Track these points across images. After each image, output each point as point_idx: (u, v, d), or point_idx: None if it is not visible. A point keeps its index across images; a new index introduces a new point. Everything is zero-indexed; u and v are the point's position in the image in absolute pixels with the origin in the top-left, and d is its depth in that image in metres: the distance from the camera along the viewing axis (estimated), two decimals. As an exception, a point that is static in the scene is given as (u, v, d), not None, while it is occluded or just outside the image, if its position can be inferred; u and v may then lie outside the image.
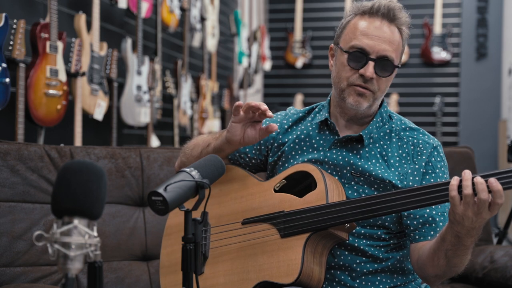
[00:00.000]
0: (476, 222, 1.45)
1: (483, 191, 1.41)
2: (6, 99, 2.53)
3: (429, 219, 1.67)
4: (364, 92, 1.68)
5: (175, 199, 1.38)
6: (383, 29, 1.68)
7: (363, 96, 1.69)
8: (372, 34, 1.67)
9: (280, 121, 1.87)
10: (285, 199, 1.71)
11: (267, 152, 1.87)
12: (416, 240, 1.68)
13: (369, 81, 1.67)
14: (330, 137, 1.78)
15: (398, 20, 1.70)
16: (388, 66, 1.68)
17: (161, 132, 4.35)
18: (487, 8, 6.99)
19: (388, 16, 1.69)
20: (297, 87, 7.37)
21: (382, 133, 1.75)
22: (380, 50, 1.66)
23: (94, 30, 3.21)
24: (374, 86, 1.68)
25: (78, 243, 1.00)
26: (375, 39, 1.67)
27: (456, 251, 1.53)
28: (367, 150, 1.73)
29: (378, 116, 1.76)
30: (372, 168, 1.70)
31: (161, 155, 2.28)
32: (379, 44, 1.66)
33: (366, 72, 1.66)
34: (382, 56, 1.67)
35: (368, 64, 1.66)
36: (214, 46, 5.27)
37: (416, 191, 1.54)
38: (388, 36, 1.68)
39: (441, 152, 1.74)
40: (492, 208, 1.43)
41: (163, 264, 1.87)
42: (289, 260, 1.63)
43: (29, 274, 1.95)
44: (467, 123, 7.02)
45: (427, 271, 1.63)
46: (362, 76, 1.67)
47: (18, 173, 2.00)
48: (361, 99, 1.69)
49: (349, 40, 1.70)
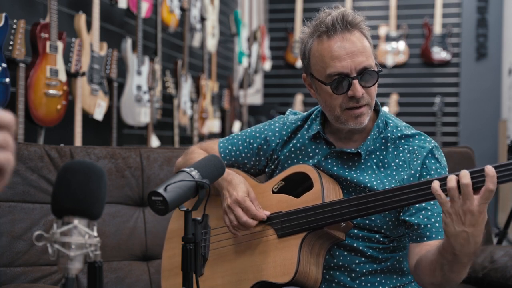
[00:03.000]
0: (466, 225, 1.41)
1: (465, 177, 1.39)
2: (6, 99, 2.53)
3: (424, 220, 1.65)
4: (361, 112, 1.65)
5: (175, 199, 1.38)
6: (347, 43, 1.62)
7: (362, 115, 1.65)
8: (341, 55, 1.61)
9: (279, 132, 1.85)
10: (283, 200, 1.71)
11: (267, 163, 1.87)
12: (414, 241, 1.65)
13: (361, 99, 1.64)
14: (325, 147, 1.77)
15: (355, 24, 1.64)
16: (371, 75, 1.64)
17: (161, 132, 4.35)
18: (487, 8, 6.99)
19: (346, 26, 1.63)
20: (297, 87, 7.37)
21: (378, 143, 1.73)
22: (357, 65, 1.62)
23: (94, 30, 3.21)
24: (367, 99, 1.65)
25: (78, 243, 1.00)
26: (346, 58, 1.61)
27: (453, 266, 1.51)
28: (363, 162, 1.72)
29: (375, 128, 1.73)
30: (368, 180, 1.69)
31: (161, 155, 2.28)
32: (353, 61, 1.61)
33: (355, 93, 1.62)
34: (362, 69, 1.62)
35: (353, 84, 1.62)
36: (214, 46, 5.27)
37: (409, 188, 1.54)
38: (355, 47, 1.62)
39: (437, 153, 1.71)
40: (481, 198, 1.39)
41: (164, 268, 1.88)
42: (285, 260, 1.63)
43: (29, 274, 1.95)
44: (467, 123, 7.02)
45: (424, 279, 1.60)
46: (353, 97, 1.63)
47: (18, 173, 2.00)
48: (361, 119, 1.66)
49: (322, 70, 1.65)
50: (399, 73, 7.20)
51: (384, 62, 7.04)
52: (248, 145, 1.86)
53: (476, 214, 1.40)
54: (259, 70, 6.62)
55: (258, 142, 1.85)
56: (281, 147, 1.83)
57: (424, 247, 1.62)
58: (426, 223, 1.63)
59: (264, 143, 1.84)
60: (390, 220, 1.68)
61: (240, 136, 1.89)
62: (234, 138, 1.90)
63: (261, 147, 1.85)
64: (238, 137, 1.89)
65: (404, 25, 7.16)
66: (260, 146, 1.85)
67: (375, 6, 7.22)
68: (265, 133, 1.86)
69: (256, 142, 1.85)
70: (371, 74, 1.64)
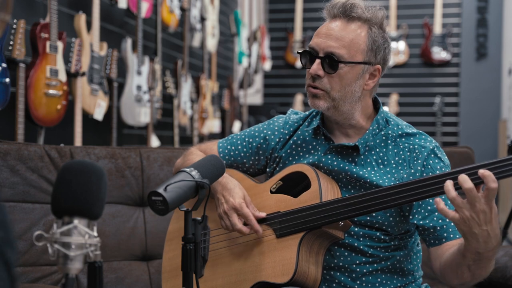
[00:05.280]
0: (482, 225, 1.43)
1: (466, 182, 1.41)
2: (6, 99, 2.53)
3: (439, 221, 1.65)
4: (316, 93, 1.67)
5: (175, 199, 1.38)
6: (334, 27, 1.67)
7: (317, 97, 1.68)
8: (321, 33, 1.68)
9: (279, 131, 1.85)
10: (281, 200, 1.71)
11: (266, 162, 1.87)
12: (432, 245, 1.66)
13: (317, 79, 1.66)
14: (325, 142, 1.77)
15: (354, 14, 1.67)
16: (333, 63, 1.65)
17: (161, 132, 4.35)
18: (487, 8, 6.99)
19: (344, 13, 1.67)
20: (297, 87, 7.37)
21: (378, 140, 1.73)
22: (325, 47, 1.65)
23: (94, 30, 3.21)
24: (325, 85, 1.66)
25: (78, 243, 1.00)
26: (322, 37, 1.67)
27: (480, 264, 1.52)
28: (362, 158, 1.72)
29: (375, 124, 1.73)
30: (367, 175, 1.69)
31: (161, 155, 2.28)
32: (324, 42, 1.65)
33: (310, 70, 1.67)
34: (328, 52, 1.65)
35: (314, 62, 1.66)
36: (214, 46, 5.27)
37: (407, 186, 1.54)
38: (336, 33, 1.66)
39: (439, 153, 1.72)
40: (487, 196, 1.41)
41: (165, 269, 1.88)
42: (284, 260, 1.63)
43: (29, 274, 1.95)
44: (467, 123, 7.01)
45: (452, 281, 1.62)
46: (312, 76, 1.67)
47: (18, 173, 2.00)
48: (316, 100, 1.68)
49: None
50: (399, 73, 7.20)
51: (384, 62, 7.04)
52: (248, 144, 1.86)
53: (487, 211, 1.42)
54: (259, 70, 6.62)
55: (258, 142, 1.85)
56: (281, 146, 1.83)
57: (445, 248, 1.63)
58: (441, 225, 1.64)
59: (264, 142, 1.85)
60: (391, 216, 1.68)
61: (239, 136, 1.89)
62: (233, 138, 1.90)
63: (260, 146, 1.85)
64: (237, 137, 1.89)
65: (404, 25, 7.16)
66: (260, 145, 1.85)
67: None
68: (265, 132, 1.86)
69: (255, 141, 1.86)
70: (333, 61, 1.65)
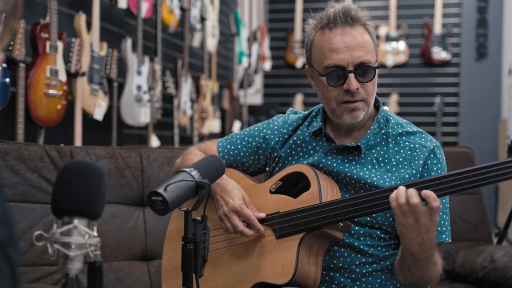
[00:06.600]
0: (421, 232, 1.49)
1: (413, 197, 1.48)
2: (6, 99, 2.53)
3: None
4: (356, 106, 1.66)
5: (175, 199, 1.38)
6: (347, 37, 1.64)
7: (357, 110, 1.66)
8: (339, 47, 1.64)
9: (278, 131, 1.85)
10: (280, 200, 1.71)
11: (266, 161, 1.87)
12: None
13: (356, 93, 1.65)
14: (326, 143, 1.77)
15: (359, 19, 1.67)
16: (368, 70, 1.65)
17: (161, 132, 4.35)
18: (487, 8, 6.99)
19: (347, 21, 1.65)
20: (297, 87, 7.37)
21: (378, 138, 1.74)
22: (354, 59, 1.63)
23: (94, 30, 3.21)
24: (363, 95, 1.66)
25: (78, 243, 1.00)
26: (344, 51, 1.63)
27: (418, 265, 1.57)
28: (363, 157, 1.72)
29: (375, 123, 1.74)
30: (368, 176, 1.69)
31: (161, 155, 2.28)
32: (350, 54, 1.63)
33: (350, 86, 1.63)
34: (359, 63, 1.64)
35: (348, 78, 1.63)
36: (214, 46, 5.27)
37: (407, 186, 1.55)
38: (355, 41, 1.64)
39: (439, 153, 1.72)
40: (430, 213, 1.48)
41: (165, 269, 1.88)
42: (284, 261, 1.63)
43: (29, 274, 1.95)
44: (467, 123, 7.01)
45: (401, 281, 1.68)
46: (348, 91, 1.64)
47: (18, 173, 2.00)
48: (356, 113, 1.67)
49: (320, 61, 1.67)
50: (399, 73, 7.20)
51: (384, 62, 7.04)
52: (247, 144, 1.86)
53: (429, 225, 1.49)
54: (259, 70, 6.61)
55: (257, 141, 1.85)
56: (281, 145, 1.83)
57: None
58: None
59: (263, 142, 1.85)
60: (391, 216, 1.68)
61: (239, 136, 1.89)
62: (233, 137, 1.90)
63: (260, 146, 1.85)
64: (237, 136, 1.89)
65: (404, 25, 7.16)
66: (259, 144, 1.85)
67: (375, 6, 7.22)
68: (264, 132, 1.86)
69: (255, 141, 1.85)
70: (368, 69, 1.65)
